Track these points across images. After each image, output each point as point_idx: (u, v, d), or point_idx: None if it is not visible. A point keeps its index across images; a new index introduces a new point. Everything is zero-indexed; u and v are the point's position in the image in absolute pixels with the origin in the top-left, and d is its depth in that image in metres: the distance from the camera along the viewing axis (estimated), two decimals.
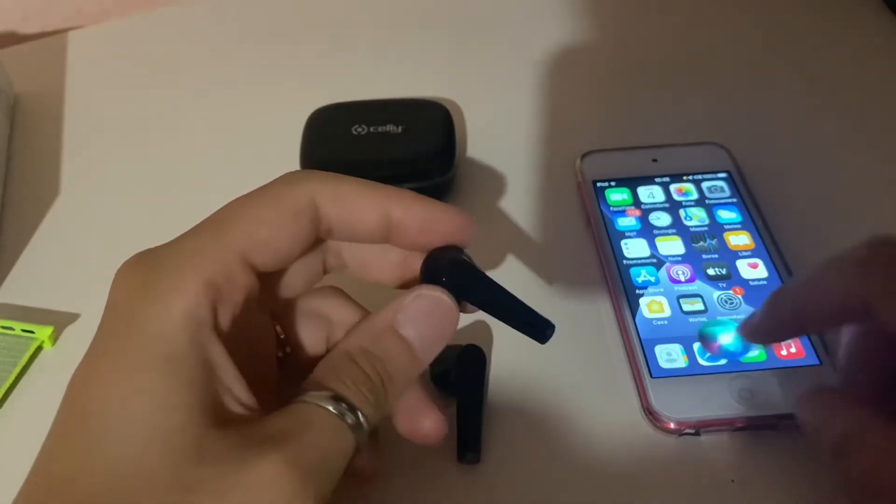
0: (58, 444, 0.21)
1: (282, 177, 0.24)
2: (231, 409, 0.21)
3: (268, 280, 0.24)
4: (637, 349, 0.30)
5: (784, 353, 0.30)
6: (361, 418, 0.21)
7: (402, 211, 0.24)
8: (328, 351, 0.24)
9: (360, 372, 0.22)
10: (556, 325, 0.33)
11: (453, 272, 0.24)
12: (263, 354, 0.25)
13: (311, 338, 0.26)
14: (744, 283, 0.32)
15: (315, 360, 0.24)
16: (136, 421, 0.20)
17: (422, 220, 0.24)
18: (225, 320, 0.22)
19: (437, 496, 0.28)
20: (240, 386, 0.22)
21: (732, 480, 0.28)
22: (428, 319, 0.23)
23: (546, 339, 0.24)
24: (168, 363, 0.20)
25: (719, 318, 0.31)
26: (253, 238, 0.22)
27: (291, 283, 0.25)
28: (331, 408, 0.21)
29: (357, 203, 0.24)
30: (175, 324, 0.20)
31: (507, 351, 0.32)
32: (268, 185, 0.24)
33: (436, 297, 0.23)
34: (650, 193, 0.36)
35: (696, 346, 0.30)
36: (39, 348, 0.34)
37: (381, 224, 0.24)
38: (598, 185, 0.37)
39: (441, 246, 0.25)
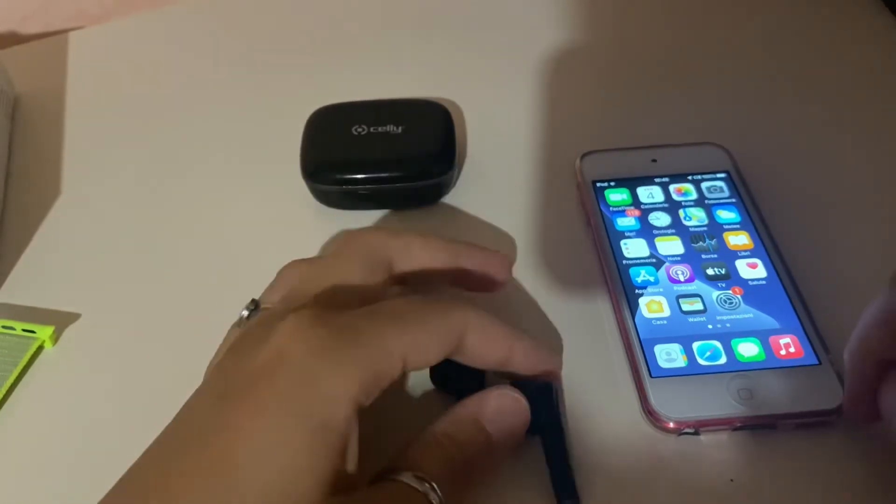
0: (187, 472, 0.21)
1: (445, 298, 0.29)
2: (345, 479, 0.23)
3: None
4: (636, 349, 0.30)
5: (783, 352, 0.30)
6: (441, 494, 0.24)
7: (520, 356, 0.28)
8: None
9: (443, 453, 0.25)
10: (556, 325, 0.34)
11: (537, 403, 0.28)
12: None
13: None
14: (743, 283, 0.32)
15: None
16: (281, 482, 0.21)
17: (531, 367, 0.28)
18: (366, 403, 0.23)
19: None
20: (355, 458, 0.23)
21: (731, 480, 0.28)
22: (505, 417, 0.27)
23: None
24: (323, 430, 0.22)
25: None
26: (420, 351, 0.25)
27: None
28: (417, 486, 0.23)
29: (492, 340, 0.27)
30: (344, 401, 0.22)
31: None
32: (435, 300, 0.27)
33: (514, 399, 0.27)
34: (650, 193, 0.36)
35: (696, 345, 0.30)
36: (40, 348, 0.34)
37: (502, 359, 0.28)
38: (598, 185, 0.37)
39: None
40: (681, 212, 0.36)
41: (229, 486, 0.20)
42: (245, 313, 0.28)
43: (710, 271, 0.33)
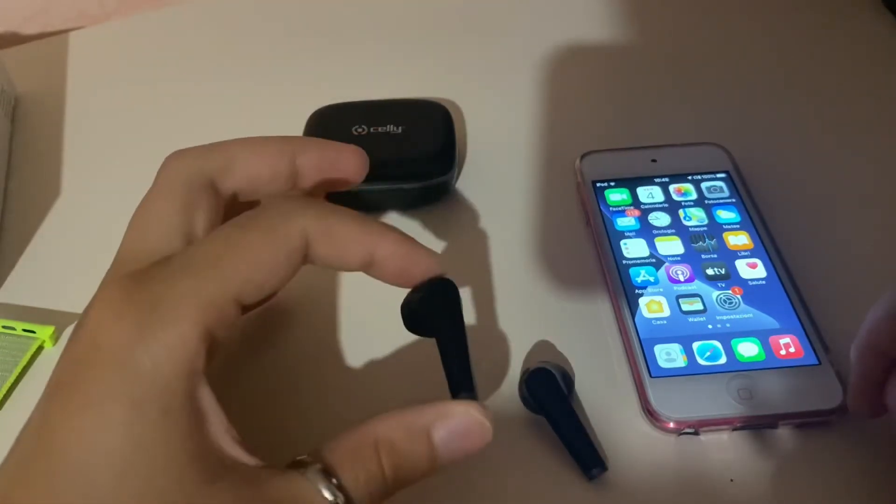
0: (29, 479, 0.20)
1: (274, 207, 0.24)
2: (222, 461, 0.21)
3: None
4: (636, 349, 0.30)
5: (783, 352, 0.30)
6: None
7: (384, 252, 0.25)
8: None
9: (376, 467, 0.22)
10: (556, 325, 0.33)
11: (535, 386, 0.29)
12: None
13: None
14: (743, 282, 0.32)
15: None
16: (129, 477, 0.19)
17: (401, 261, 0.25)
18: (211, 362, 0.22)
19: None
20: (229, 437, 0.21)
21: (731, 480, 0.28)
22: (463, 439, 0.23)
23: (592, 477, 0.27)
24: (165, 417, 0.20)
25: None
26: (250, 282, 0.23)
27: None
28: (327, 496, 0.21)
29: (345, 242, 0.25)
30: (173, 375, 0.20)
31: (507, 350, 0.32)
32: (261, 214, 0.24)
33: (481, 423, 0.23)
34: (649, 193, 0.36)
35: (696, 345, 0.30)
36: (40, 348, 0.34)
37: (364, 262, 0.25)
38: (598, 185, 0.37)
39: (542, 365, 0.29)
40: (681, 212, 0.36)
41: (70, 490, 0.19)
42: None
43: (709, 271, 0.33)
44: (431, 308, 0.26)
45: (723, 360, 0.30)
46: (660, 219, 0.35)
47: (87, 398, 0.20)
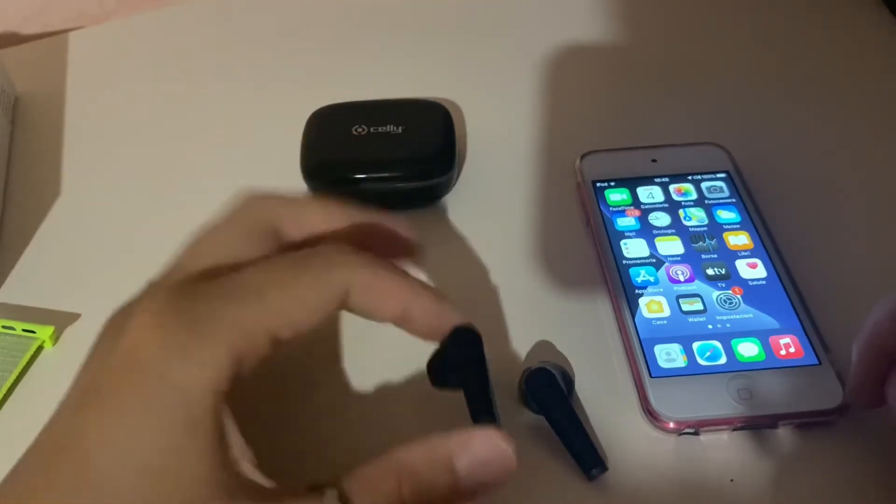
0: (52, 484, 0.20)
1: (325, 252, 0.25)
2: (240, 481, 0.21)
3: None
4: (636, 349, 0.30)
5: (783, 352, 0.30)
6: None
7: (418, 310, 0.26)
8: None
9: (396, 495, 0.22)
10: (556, 325, 0.33)
11: (536, 386, 0.29)
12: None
13: None
14: (743, 282, 0.32)
15: None
16: (155, 486, 0.20)
17: (433, 319, 0.26)
18: (234, 388, 0.22)
19: None
20: (246, 459, 0.22)
21: (731, 480, 0.28)
22: (486, 468, 0.23)
23: (592, 477, 0.27)
24: (193, 431, 0.20)
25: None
26: (288, 317, 0.23)
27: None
28: None
29: (384, 297, 0.25)
30: (202, 392, 0.21)
31: (507, 350, 0.32)
32: (312, 256, 0.25)
33: (503, 451, 0.23)
34: (649, 193, 0.36)
35: (696, 345, 0.30)
36: (40, 348, 0.34)
37: (396, 317, 0.26)
38: (598, 185, 0.37)
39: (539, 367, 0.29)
40: (681, 212, 0.36)
41: (96, 495, 0.19)
42: None
43: (710, 271, 0.33)
44: (455, 361, 0.27)
45: (723, 360, 0.30)
46: (660, 219, 0.35)
47: (121, 407, 0.20)
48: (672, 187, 0.37)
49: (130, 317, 0.22)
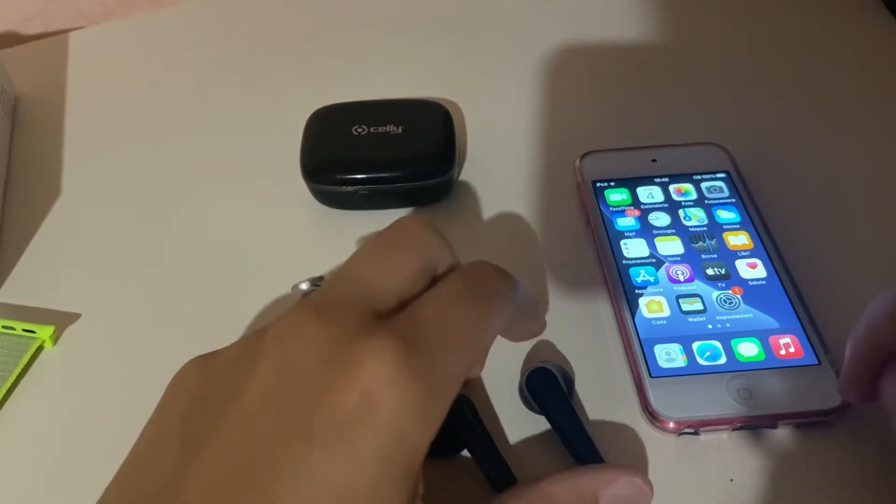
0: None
1: (497, 293, 0.25)
2: None
3: None
4: (636, 349, 0.30)
5: (783, 352, 0.30)
6: None
7: (536, 329, 0.30)
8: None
9: None
10: (556, 325, 0.33)
11: (536, 386, 0.29)
12: None
13: None
14: (743, 282, 0.32)
15: None
16: None
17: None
18: None
19: None
20: (420, 497, 0.23)
21: (731, 480, 0.28)
22: None
23: None
24: (406, 482, 0.21)
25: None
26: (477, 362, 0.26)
27: None
28: None
29: (516, 330, 0.29)
30: (424, 445, 0.22)
31: (507, 350, 0.32)
32: (489, 298, 0.25)
33: (643, 490, 0.25)
34: (649, 193, 0.36)
35: (696, 345, 0.30)
36: (40, 348, 0.34)
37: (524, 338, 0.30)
38: (598, 185, 0.37)
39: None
40: (681, 212, 0.36)
41: None
42: (305, 287, 0.27)
43: (709, 271, 0.33)
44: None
45: (723, 360, 0.30)
46: (660, 219, 0.35)
47: (352, 453, 0.20)
48: (672, 187, 0.37)
49: (355, 363, 0.21)
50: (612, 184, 0.37)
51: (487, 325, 0.24)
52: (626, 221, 0.35)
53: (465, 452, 0.29)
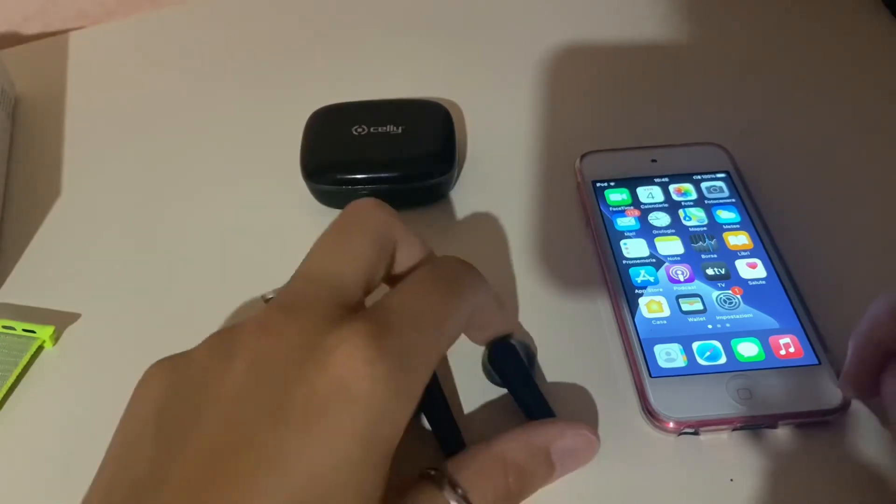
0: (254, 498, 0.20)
1: (463, 275, 0.26)
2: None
3: None
4: (636, 349, 0.30)
5: (783, 352, 0.30)
6: None
7: (499, 328, 0.30)
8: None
9: (504, 484, 0.24)
10: (556, 325, 0.33)
11: (498, 360, 0.30)
12: None
13: None
14: (743, 282, 0.32)
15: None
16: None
17: (499, 333, 0.30)
18: None
19: None
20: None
21: (731, 479, 0.28)
22: (576, 457, 0.27)
23: None
24: (385, 460, 0.22)
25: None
26: (452, 343, 0.26)
27: None
28: None
29: (491, 320, 0.29)
30: (404, 423, 0.22)
31: None
32: (457, 281, 0.26)
33: (590, 441, 0.27)
34: (649, 194, 0.36)
35: (696, 345, 0.30)
36: (40, 348, 0.34)
37: (486, 338, 0.30)
38: (598, 185, 0.37)
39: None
40: (680, 212, 0.36)
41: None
42: (273, 297, 0.27)
43: (709, 271, 0.33)
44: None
45: (723, 360, 0.30)
46: (660, 219, 0.35)
47: (328, 434, 0.21)
48: (672, 187, 0.37)
49: (327, 350, 0.22)
50: (612, 184, 0.37)
51: (455, 310, 0.25)
52: (626, 221, 0.35)
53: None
